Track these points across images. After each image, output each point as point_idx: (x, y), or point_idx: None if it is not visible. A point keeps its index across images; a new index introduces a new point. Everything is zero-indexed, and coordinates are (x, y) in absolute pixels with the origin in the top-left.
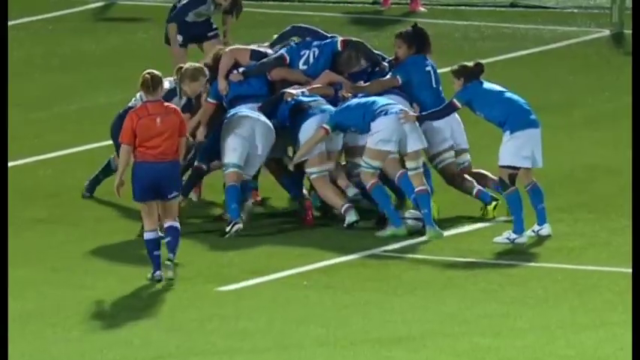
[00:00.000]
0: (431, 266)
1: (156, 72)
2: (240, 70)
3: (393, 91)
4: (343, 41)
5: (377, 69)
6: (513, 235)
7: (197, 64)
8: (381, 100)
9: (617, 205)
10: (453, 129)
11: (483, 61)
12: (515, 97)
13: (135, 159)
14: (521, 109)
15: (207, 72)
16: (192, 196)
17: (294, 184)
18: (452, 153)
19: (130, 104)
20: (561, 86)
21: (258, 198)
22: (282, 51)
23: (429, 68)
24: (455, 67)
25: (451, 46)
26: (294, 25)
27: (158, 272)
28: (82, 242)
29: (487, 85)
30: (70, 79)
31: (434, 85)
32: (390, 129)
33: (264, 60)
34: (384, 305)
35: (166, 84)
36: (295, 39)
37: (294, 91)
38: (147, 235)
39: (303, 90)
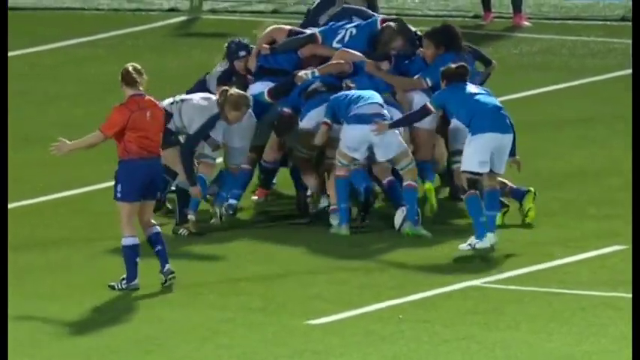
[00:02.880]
0: (535, 299)
1: (136, 64)
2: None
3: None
4: (383, 20)
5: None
6: (475, 241)
7: (242, 92)
8: (363, 99)
9: None
10: None
11: (592, 79)
12: (487, 99)
13: (130, 154)
14: (486, 112)
15: (250, 102)
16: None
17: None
18: None
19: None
20: None
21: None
22: (316, 30)
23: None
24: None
25: (557, 63)
26: (345, 7)
27: (136, 281)
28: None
29: (467, 88)
30: None
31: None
32: (357, 139)
33: (294, 37)
34: (485, 341)
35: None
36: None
37: (303, 74)
38: (129, 241)
39: (314, 70)
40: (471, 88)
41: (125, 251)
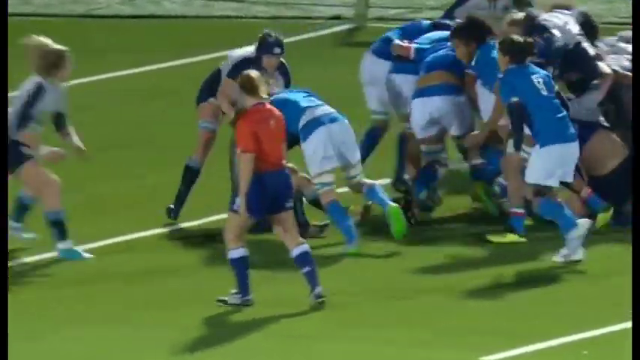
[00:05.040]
0: None
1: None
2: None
3: None
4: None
5: None
6: (566, 252)
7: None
8: (311, 103)
9: None
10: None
11: None
12: (555, 104)
13: (257, 169)
14: (555, 120)
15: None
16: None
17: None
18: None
19: None
20: None
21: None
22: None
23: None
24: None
25: None
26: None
27: (249, 297)
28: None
29: (534, 76)
30: None
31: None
32: (325, 144)
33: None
34: None
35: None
36: None
37: None
38: (237, 253)
39: None
40: (537, 77)
41: (235, 265)
